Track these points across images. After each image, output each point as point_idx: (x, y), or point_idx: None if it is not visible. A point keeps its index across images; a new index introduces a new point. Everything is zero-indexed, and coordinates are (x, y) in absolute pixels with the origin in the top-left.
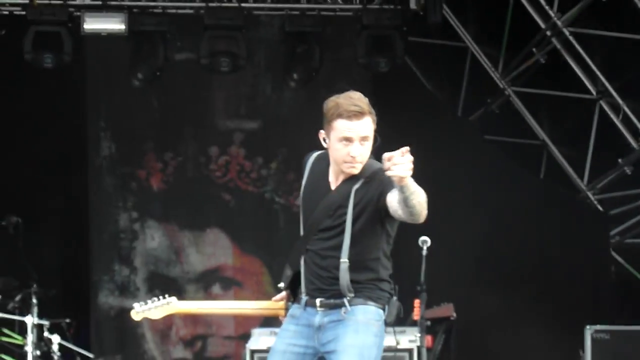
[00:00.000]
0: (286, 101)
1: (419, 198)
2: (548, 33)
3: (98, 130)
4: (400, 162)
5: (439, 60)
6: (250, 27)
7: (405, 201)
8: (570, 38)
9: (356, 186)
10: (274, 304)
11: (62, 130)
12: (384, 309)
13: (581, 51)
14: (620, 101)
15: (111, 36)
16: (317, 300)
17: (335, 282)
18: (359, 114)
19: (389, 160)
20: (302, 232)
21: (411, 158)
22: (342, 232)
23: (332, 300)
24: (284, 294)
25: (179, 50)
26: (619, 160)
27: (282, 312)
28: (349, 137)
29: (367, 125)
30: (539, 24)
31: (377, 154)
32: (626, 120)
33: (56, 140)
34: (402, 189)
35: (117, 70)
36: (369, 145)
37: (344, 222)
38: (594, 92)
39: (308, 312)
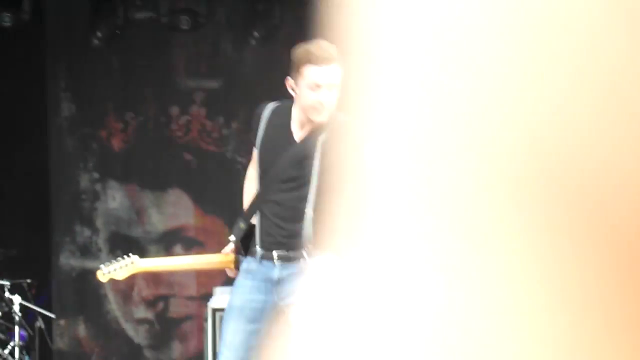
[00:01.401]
0: (247, 60)
1: None
2: None
3: (58, 91)
4: None
5: None
6: None
7: None
8: None
9: (323, 137)
10: (224, 257)
11: (20, 90)
12: None
13: None
14: None
15: None
16: (275, 253)
17: (295, 234)
18: (328, 60)
19: None
20: (258, 185)
21: None
22: (307, 182)
23: (290, 253)
24: (232, 246)
25: (138, 8)
26: None
27: (231, 264)
28: (318, 83)
29: (335, 72)
30: None
31: None
32: None
33: (15, 101)
34: None
35: (76, 30)
36: (336, 93)
37: (310, 172)
38: None
39: (265, 266)
